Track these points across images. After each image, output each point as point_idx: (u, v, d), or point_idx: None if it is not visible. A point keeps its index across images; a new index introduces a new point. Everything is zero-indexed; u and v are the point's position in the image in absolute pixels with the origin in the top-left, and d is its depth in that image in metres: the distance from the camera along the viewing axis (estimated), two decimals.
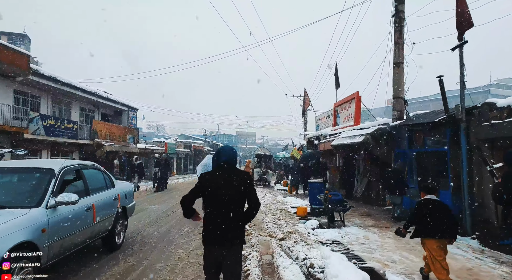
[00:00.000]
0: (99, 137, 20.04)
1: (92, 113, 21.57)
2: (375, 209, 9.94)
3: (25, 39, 44.06)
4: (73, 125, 17.43)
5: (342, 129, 14.42)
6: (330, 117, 17.83)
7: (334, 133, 15.33)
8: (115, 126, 22.52)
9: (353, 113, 13.74)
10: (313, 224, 7.02)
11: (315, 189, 9.43)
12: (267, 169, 19.21)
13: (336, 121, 16.24)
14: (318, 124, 20.00)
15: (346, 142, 11.66)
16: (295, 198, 12.66)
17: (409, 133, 9.20)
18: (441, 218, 3.93)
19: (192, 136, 49.71)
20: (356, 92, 13.48)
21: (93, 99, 19.93)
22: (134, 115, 26.06)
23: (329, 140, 14.51)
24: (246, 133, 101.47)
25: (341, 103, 15.26)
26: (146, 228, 7.09)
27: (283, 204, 11.30)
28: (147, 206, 10.41)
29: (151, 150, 28.05)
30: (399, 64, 9.94)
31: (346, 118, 14.77)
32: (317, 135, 17.75)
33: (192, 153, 38.21)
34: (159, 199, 12.49)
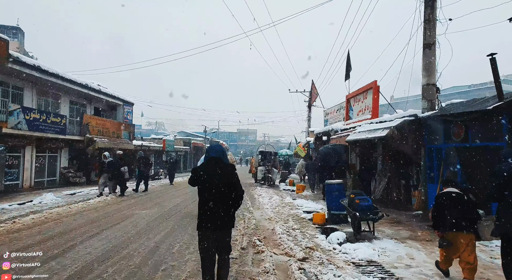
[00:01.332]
0: (91, 132, 18.61)
1: (83, 108, 20.12)
2: (403, 215, 8.52)
3: (18, 33, 42.54)
4: (60, 119, 16.00)
5: (357, 123, 12.99)
6: (341, 110, 16.39)
7: (347, 127, 13.90)
8: (109, 121, 21.09)
9: (370, 105, 12.30)
10: (338, 237, 5.60)
11: (334, 192, 8.00)
12: (272, 167, 17.79)
13: (349, 115, 14.79)
14: (327, 119, 18.56)
15: (365, 137, 10.24)
16: (306, 201, 11.24)
17: (445, 126, 7.76)
18: (459, 211, 3.87)
19: (192, 133, 48.29)
20: (373, 82, 12.02)
21: (84, 92, 18.47)
22: (130, 110, 24.61)
23: (342, 136, 13.09)
24: (247, 131, 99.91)
25: (355, 94, 13.81)
26: (128, 243, 5.66)
27: (294, 207, 9.88)
28: (137, 211, 9.00)
29: (148, 147, 26.65)
30: (430, 46, 8.47)
31: (361, 111, 13.33)
32: (326, 130, 16.31)
33: (192, 150, 36.78)
34: (133, 206, 11.08)
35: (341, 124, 15.36)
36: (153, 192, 14.12)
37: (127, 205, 9.84)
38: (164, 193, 13.60)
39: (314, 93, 18.52)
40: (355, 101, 14.03)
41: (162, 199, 11.61)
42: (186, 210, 9.10)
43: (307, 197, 12.69)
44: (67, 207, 9.12)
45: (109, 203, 10.29)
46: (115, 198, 11.52)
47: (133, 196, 12.42)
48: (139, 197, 12.17)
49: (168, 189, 15.40)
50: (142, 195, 12.72)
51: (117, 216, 8.07)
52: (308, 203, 10.53)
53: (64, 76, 16.24)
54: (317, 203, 10.83)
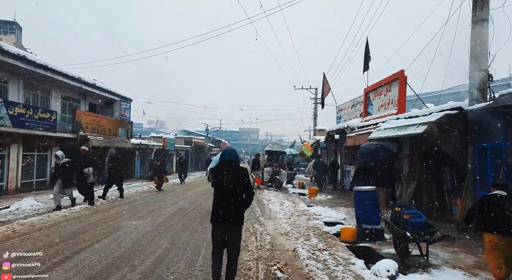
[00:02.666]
0: (85, 130, 17.23)
1: (77, 103, 18.73)
2: (444, 227, 7.03)
3: (16, 28, 41.23)
4: (50, 115, 14.61)
5: (378, 119, 11.52)
6: (357, 106, 14.91)
7: (366, 124, 12.43)
8: (104, 118, 19.69)
9: (396, 99, 10.82)
10: (388, 267, 4.13)
11: (366, 201, 6.55)
12: (280, 167, 16.33)
13: (368, 110, 13.31)
14: (340, 116, 17.08)
15: (393, 134, 8.78)
16: (323, 208, 9.79)
17: (507, 120, 6.29)
18: (503, 213, 3.78)
19: (194, 132, 46.89)
20: (400, 72, 10.54)
21: (78, 86, 17.08)
22: (128, 106, 23.23)
23: (361, 133, 11.61)
24: (249, 130, 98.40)
25: (376, 87, 12.32)
26: (108, 271, 4.23)
27: (311, 217, 8.43)
28: (126, 222, 7.58)
29: (147, 146, 25.26)
30: (482, 23, 6.99)
31: (383, 106, 11.84)
32: (340, 128, 14.84)
33: (193, 149, 35.38)
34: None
35: (357, 120, 13.89)
36: (150, 196, 12.70)
37: (116, 213, 8.43)
38: (163, 197, 12.18)
39: (326, 87, 17.03)
40: (375, 94, 12.55)
41: (159, 204, 10.18)
42: (187, 220, 7.67)
43: (322, 203, 11.24)
44: (46, 216, 7.72)
45: (98, 210, 8.88)
46: (105, 204, 10.12)
47: (126, 202, 11.00)
48: (133, 202, 10.75)
49: (168, 192, 13.98)
50: (138, 200, 11.30)
51: (101, 229, 6.65)
52: (327, 212, 9.07)
53: (54, 68, 14.84)
54: (337, 211, 9.38)
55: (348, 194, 14.18)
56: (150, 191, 14.17)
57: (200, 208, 9.38)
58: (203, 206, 9.82)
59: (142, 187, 15.56)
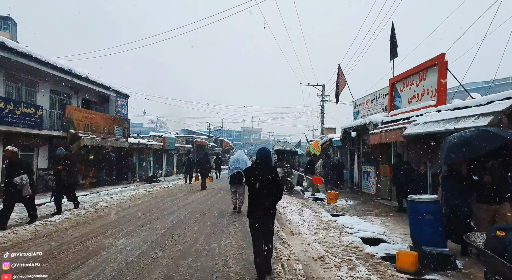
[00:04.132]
0: (76, 127, 15.68)
1: (68, 99, 17.17)
2: None
3: (10, 23, 39.74)
4: (35, 111, 13.04)
5: (410, 112, 9.91)
6: (379, 99, 13.29)
7: (394, 119, 10.81)
8: (98, 114, 18.12)
9: (433, 88, 9.19)
10: None
11: (425, 214, 4.93)
12: (291, 169, 14.72)
13: (394, 103, 11.68)
14: (358, 111, 15.45)
15: (443, 128, 7.18)
16: (351, 218, 8.19)
17: None
18: None
19: (195, 131, 45.31)
20: (439, 56, 8.90)
21: (68, 79, 15.52)
22: (125, 102, 21.65)
23: (390, 129, 9.99)
24: (252, 129, 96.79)
25: (406, 75, 10.69)
26: None
27: (342, 231, 6.82)
28: (112, 240, 5.97)
29: (146, 145, 23.67)
30: None
31: (415, 97, 10.22)
32: (360, 124, 13.21)
33: (195, 149, 33.80)
34: None
35: (381, 116, 12.26)
36: (146, 202, 11.10)
37: (102, 227, 6.83)
38: (161, 204, 10.59)
39: (341, 80, 15.42)
40: (404, 85, 10.92)
41: (155, 214, 8.58)
42: (188, 237, 6.07)
43: (346, 210, 9.64)
44: (10, 233, 6.13)
45: (79, 223, 7.30)
46: (92, 212, 8.53)
47: (117, 209, 9.40)
48: (125, 211, 9.15)
49: (167, 197, 12.39)
50: (131, 207, 9.70)
51: (76, 252, 5.05)
52: (359, 223, 7.46)
53: (40, 58, 13.28)
54: (369, 221, 7.76)
55: (370, 198, 12.57)
56: (147, 196, 12.58)
57: (205, 219, 7.77)
58: (207, 216, 8.22)
59: (139, 191, 13.98)
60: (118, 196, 12.07)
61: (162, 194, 13.43)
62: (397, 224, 7.47)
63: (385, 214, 8.99)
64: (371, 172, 13.97)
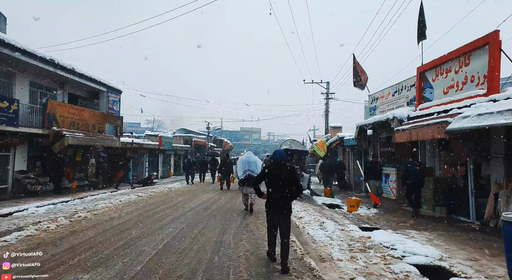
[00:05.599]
0: (60, 125, 14.02)
1: (52, 93, 15.50)
2: None
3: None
4: (9, 105, 11.37)
5: (448, 105, 8.34)
6: (403, 91, 11.71)
7: (425, 113, 9.23)
8: (86, 111, 16.44)
9: (482, 73, 7.61)
10: None
11: None
12: (301, 170, 13.11)
13: (424, 95, 10.10)
14: (375, 106, 13.84)
15: (509, 121, 5.62)
16: (386, 233, 6.59)
17: None
18: None
19: (194, 131, 43.62)
20: (492, 33, 7.32)
21: (51, 70, 13.85)
22: (117, 98, 19.97)
23: (424, 125, 8.40)
24: (251, 129, 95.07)
25: (441, 62, 9.10)
26: None
27: (385, 254, 5.21)
28: None
29: (140, 145, 22.00)
30: None
31: (454, 86, 8.65)
32: (379, 120, 11.62)
33: (193, 149, 32.13)
34: None
35: (406, 110, 10.69)
36: (134, 211, 9.46)
37: (66, 252, 5.16)
38: (151, 213, 8.95)
39: (360, 70, 13.77)
40: (438, 73, 9.34)
41: (141, 229, 6.93)
42: (183, 269, 4.43)
43: (374, 221, 8.05)
44: None
45: (41, 244, 5.64)
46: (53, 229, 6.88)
47: (96, 222, 7.76)
48: (105, 224, 7.50)
49: (161, 203, 10.75)
50: (114, 218, 8.05)
51: None
52: (403, 242, 5.84)
53: (14, 44, 11.60)
54: (415, 240, 6.15)
55: (393, 204, 10.99)
56: (138, 202, 10.93)
57: (204, 238, 6.12)
58: (209, 232, 6.58)
59: (129, 196, 12.33)
60: (104, 203, 10.42)
61: (156, 200, 11.78)
62: (450, 243, 5.88)
63: (423, 226, 7.40)
64: (391, 175, 12.41)
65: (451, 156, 9.19)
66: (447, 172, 9.42)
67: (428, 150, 10.30)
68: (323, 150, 25.51)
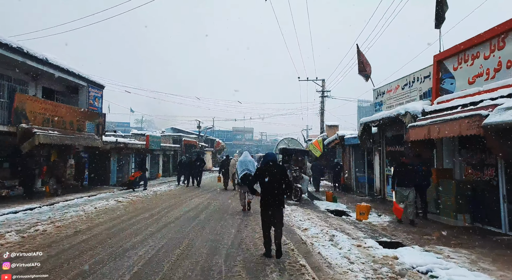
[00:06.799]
0: (31, 121, 12.46)
1: (23, 86, 13.91)
2: None
3: None
4: None
5: (476, 96, 7.15)
6: (414, 84, 10.51)
7: (446, 106, 8.03)
8: (63, 107, 14.85)
9: None
10: None
11: None
12: (301, 172, 11.82)
13: (442, 86, 8.91)
14: (381, 101, 12.64)
15: None
16: (415, 251, 5.33)
17: None
18: None
19: (184, 130, 42.03)
20: None
21: (18, 60, 12.22)
22: (99, 94, 18.38)
23: (450, 119, 7.18)
24: (244, 129, 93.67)
25: (466, 46, 7.90)
26: None
27: None
28: None
29: (125, 144, 20.44)
30: None
31: (483, 74, 7.45)
32: (388, 116, 10.39)
33: (183, 149, 30.63)
34: None
35: (420, 104, 9.49)
36: (109, 221, 8.03)
37: None
38: (130, 223, 7.54)
39: (364, 61, 12.55)
40: (461, 60, 8.14)
41: (112, 247, 5.54)
42: None
43: (393, 233, 6.79)
44: None
45: None
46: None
47: (47, 240, 6.33)
48: (66, 240, 6.08)
49: (141, 210, 9.33)
50: (83, 231, 6.62)
51: None
52: (442, 265, 4.57)
53: None
54: (453, 261, 4.90)
55: None
56: (115, 209, 9.50)
57: (188, 262, 4.77)
58: (195, 252, 5.23)
59: (108, 202, 10.88)
60: (75, 210, 8.98)
61: (137, 206, 10.36)
62: (502, 267, 4.62)
63: (454, 240, 6.17)
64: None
65: (475, 156, 8.00)
66: (471, 174, 8.24)
67: (446, 150, 9.11)
68: (319, 149, 24.33)
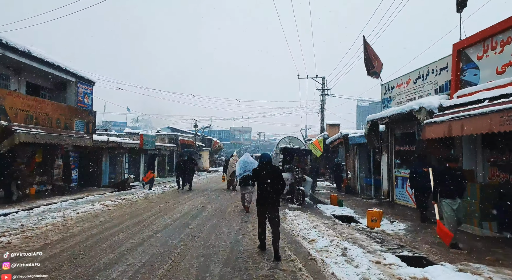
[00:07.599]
0: (12, 118, 11.50)
1: (5, 81, 12.94)
2: None
3: None
4: None
5: (505, 88, 6.25)
6: (430, 76, 9.60)
7: (469, 101, 7.11)
8: (49, 103, 13.88)
9: None
10: None
11: None
12: (303, 174, 10.90)
13: (463, 78, 8.00)
14: (390, 97, 11.72)
15: None
16: (448, 271, 4.41)
17: None
18: None
19: (180, 130, 41.05)
20: None
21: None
22: (89, 91, 17.39)
23: (476, 114, 6.27)
24: (242, 128, 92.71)
25: (493, 32, 7.00)
26: None
27: None
28: None
29: (117, 143, 19.45)
30: None
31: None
32: (399, 112, 9.48)
33: (179, 148, 29.64)
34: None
35: (437, 99, 8.58)
36: (93, 226, 7.08)
37: None
38: (112, 229, 6.58)
39: (372, 54, 11.63)
40: (488, 48, 7.24)
41: (85, 265, 4.61)
42: None
43: (413, 244, 5.87)
44: None
45: None
46: None
47: (9, 254, 5.38)
48: (32, 254, 5.13)
49: (128, 216, 8.38)
50: (56, 242, 5.69)
51: None
52: None
53: None
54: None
55: (412, 212, 8.87)
56: (99, 215, 8.54)
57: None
58: (182, 272, 4.30)
59: (94, 206, 9.92)
60: (54, 216, 8.02)
61: (124, 211, 9.40)
62: None
63: (489, 255, 5.26)
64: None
65: (502, 156, 7.11)
66: (497, 176, 7.35)
67: (467, 149, 8.21)
68: (319, 149, 23.41)
